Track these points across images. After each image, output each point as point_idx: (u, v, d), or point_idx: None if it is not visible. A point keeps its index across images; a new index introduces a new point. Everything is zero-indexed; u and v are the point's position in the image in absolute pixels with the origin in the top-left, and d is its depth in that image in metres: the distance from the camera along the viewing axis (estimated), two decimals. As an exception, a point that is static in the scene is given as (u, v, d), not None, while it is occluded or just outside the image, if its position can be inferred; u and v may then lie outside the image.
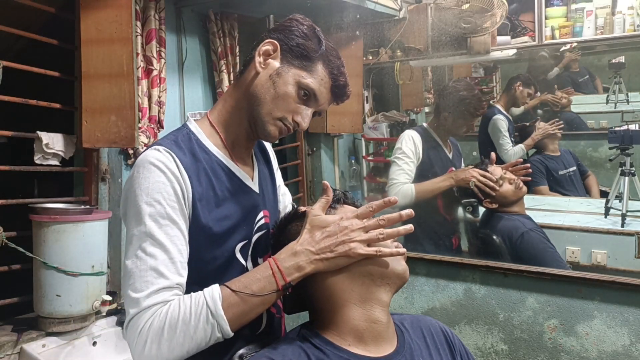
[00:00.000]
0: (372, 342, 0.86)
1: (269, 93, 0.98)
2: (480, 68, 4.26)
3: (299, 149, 3.30)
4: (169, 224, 0.89)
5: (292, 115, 0.99)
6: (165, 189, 0.90)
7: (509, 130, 3.18)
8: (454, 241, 2.31)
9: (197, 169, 0.96)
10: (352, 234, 0.87)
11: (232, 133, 1.03)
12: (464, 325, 1.63)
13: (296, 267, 0.87)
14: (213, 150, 1.01)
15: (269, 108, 0.98)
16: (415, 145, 2.22)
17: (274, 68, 0.99)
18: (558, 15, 2.79)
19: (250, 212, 1.04)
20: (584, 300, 1.45)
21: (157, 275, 0.86)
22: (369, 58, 3.23)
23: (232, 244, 0.99)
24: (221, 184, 0.99)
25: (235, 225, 1.00)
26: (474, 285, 1.62)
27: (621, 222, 2.41)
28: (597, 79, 4.36)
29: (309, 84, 0.99)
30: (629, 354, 1.39)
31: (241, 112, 1.02)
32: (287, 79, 0.98)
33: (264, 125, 0.99)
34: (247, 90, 1.01)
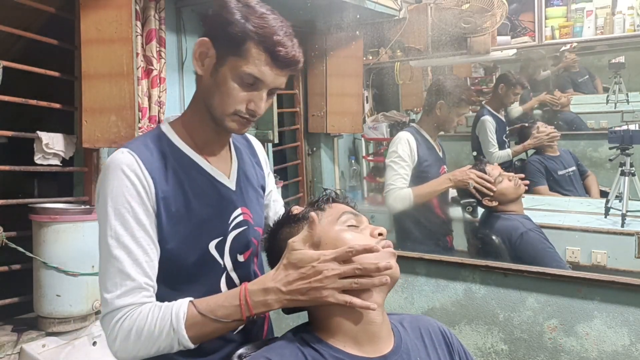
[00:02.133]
0: (368, 343, 0.86)
1: (215, 93, 0.97)
2: (480, 68, 4.26)
3: (299, 149, 3.30)
4: (135, 225, 0.92)
5: (245, 105, 0.97)
6: (129, 192, 0.92)
7: (499, 132, 3.18)
8: (448, 239, 2.33)
9: (165, 168, 0.97)
10: (326, 280, 0.84)
11: (202, 133, 1.04)
12: (464, 325, 1.63)
13: (264, 303, 0.87)
14: (184, 150, 1.01)
15: (220, 107, 0.97)
16: (410, 149, 2.22)
17: (211, 66, 0.97)
18: (558, 15, 2.79)
19: (224, 209, 1.04)
20: (584, 300, 1.45)
21: (124, 277, 0.90)
22: (369, 58, 3.23)
23: (205, 241, 1.00)
24: (191, 181, 0.99)
25: (207, 222, 1.00)
26: (474, 285, 1.62)
27: (621, 222, 2.41)
28: (597, 79, 4.36)
29: (246, 71, 0.94)
30: (629, 354, 1.39)
31: (203, 115, 1.02)
32: (225, 73, 0.96)
33: (223, 124, 0.99)
34: (199, 94, 1.02)
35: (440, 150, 2.39)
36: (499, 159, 3.06)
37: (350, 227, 0.91)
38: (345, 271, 0.84)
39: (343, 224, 0.91)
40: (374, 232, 0.91)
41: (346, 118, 3.17)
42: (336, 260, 0.85)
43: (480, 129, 3.13)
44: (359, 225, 0.93)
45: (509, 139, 3.28)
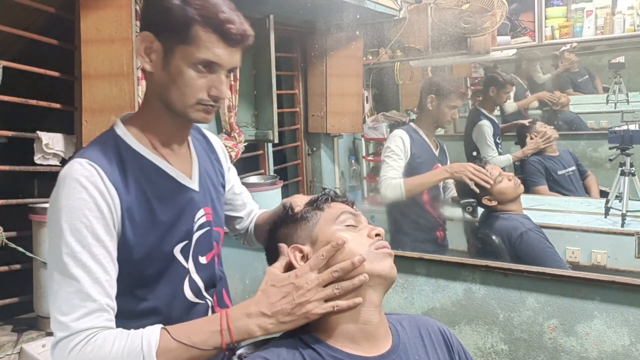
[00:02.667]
0: (365, 342, 0.86)
1: (172, 87, 0.91)
2: (480, 68, 4.26)
3: (299, 149, 3.30)
4: (93, 242, 0.85)
5: (207, 92, 0.92)
6: (87, 206, 0.85)
7: (494, 135, 3.18)
8: (438, 234, 2.35)
9: (125, 176, 0.90)
10: (308, 294, 0.81)
11: (159, 132, 0.97)
12: (464, 325, 1.63)
13: (246, 329, 0.82)
14: (143, 153, 0.95)
15: (181, 100, 0.92)
16: (403, 144, 2.28)
17: (160, 59, 0.91)
18: (558, 15, 2.79)
19: (188, 211, 0.99)
20: (584, 300, 1.45)
21: (84, 297, 0.82)
22: (369, 58, 3.24)
23: (169, 246, 0.96)
24: (153, 186, 0.93)
25: (172, 227, 0.95)
26: (474, 285, 1.62)
27: (621, 222, 2.41)
28: (597, 79, 4.37)
29: (200, 57, 0.89)
30: (629, 354, 1.39)
31: (159, 112, 0.96)
32: (177, 64, 0.90)
33: (188, 116, 0.94)
34: (153, 92, 0.96)
35: (438, 148, 2.41)
36: (500, 163, 3.03)
37: (348, 227, 0.91)
38: (324, 279, 0.83)
39: (341, 224, 0.91)
40: (371, 232, 0.91)
41: (346, 118, 3.18)
42: (312, 270, 0.84)
43: (479, 134, 3.12)
44: (358, 225, 0.92)
45: (501, 140, 3.27)
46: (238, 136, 2.42)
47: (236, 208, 1.25)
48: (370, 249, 0.87)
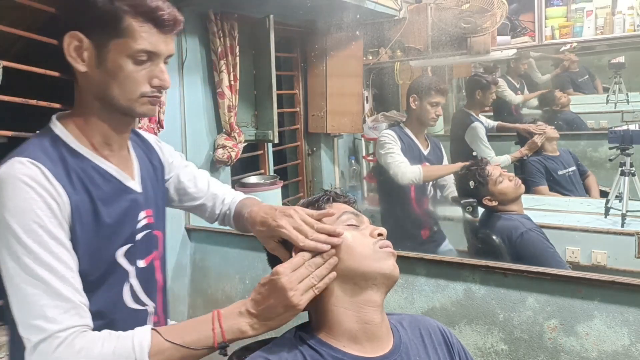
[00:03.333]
0: (367, 342, 0.86)
1: (112, 84, 0.88)
2: (480, 68, 4.27)
3: (299, 149, 3.30)
4: (50, 240, 0.81)
5: (149, 84, 0.90)
6: (37, 205, 0.81)
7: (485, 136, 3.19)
8: (422, 233, 2.43)
9: (70, 176, 0.87)
10: (290, 292, 0.81)
11: (99, 134, 0.94)
12: (464, 325, 1.63)
13: (238, 327, 0.82)
14: (84, 153, 0.91)
15: (123, 96, 0.89)
16: (394, 138, 2.42)
17: (93, 57, 0.87)
18: (558, 15, 2.79)
19: (131, 213, 0.97)
20: (584, 300, 1.45)
21: (54, 297, 0.80)
22: (369, 58, 3.23)
23: (112, 251, 0.93)
24: (97, 188, 0.90)
25: (116, 230, 0.93)
26: (474, 285, 1.62)
27: (621, 222, 2.41)
28: (597, 79, 4.37)
29: (137, 48, 0.86)
30: (629, 354, 1.39)
31: (99, 112, 0.92)
32: (114, 59, 0.87)
33: (133, 111, 0.92)
34: (90, 91, 0.92)
35: (428, 147, 2.50)
36: (500, 164, 3.03)
37: (350, 227, 0.91)
38: (301, 273, 0.83)
39: (342, 224, 0.91)
40: (374, 232, 0.91)
41: (346, 118, 3.17)
42: (293, 267, 0.84)
43: (473, 137, 3.11)
44: (360, 225, 0.93)
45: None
46: (238, 136, 2.42)
47: (193, 196, 1.21)
48: (374, 247, 0.88)
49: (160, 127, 2.09)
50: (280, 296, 0.81)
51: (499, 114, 4.07)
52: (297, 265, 0.84)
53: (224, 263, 2.22)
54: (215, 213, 1.24)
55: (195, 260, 2.33)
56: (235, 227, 1.23)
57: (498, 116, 4.03)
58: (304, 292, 0.82)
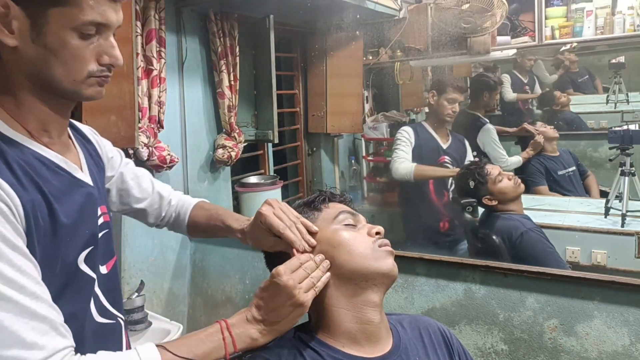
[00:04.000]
0: (366, 343, 0.86)
1: (52, 61, 0.73)
2: (480, 68, 4.27)
3: (299, 149, 3.30)
4: (10, 251, 0.66)
5: (97, 61, 0.76)
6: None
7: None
8: (441, 225, 2.52)
9: (14, 171, 0.71)
10: (295, 290, 0.79)
11: (35, 118, 0.78)
12: (464, 325, 1.63)
13: (248, 335, 0.79)
14: (21, 141, 0.75)
15: (68, 76, 0.75)
16: (408, 135, 2.57)
17: (26, 29, 0.71)
18: (558, 15, 2.79)
19: (89, 210, 0.82)
20: (584, 300, 1.45)
21: (31, 318, 0.65)
22: (369, 58, 3.24)
23: (72, 256, 0.78)
24: (46, 182, 0.75)
25: (75, 231, 0.78)
26: (474, 285, 1.62)
27: (621, 222, 2.41)
28: (597, 79, 4.37)
29: (85, 19, 0.72)
30: (629, 354, 1.39)
31: (32, 94, 0.76)
32: (56, 33, 0.72)
33: (79, 95, 0.78)
34: (21, 71, 0.75)
35: (448, 142, 2.61)
36: (512, 164, 3.02)
37: (347, 226, 0.91)
38: (300, 273, 0.82)
39: (339, 223, 0.91)
40: (371, 230, 0.90)
41: (346, 118, 3.17)
42: (291, 270, 0.83)
43: (487, 139, 3.04)
44: (357, 224, 0.92)
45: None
46: (238, 136, 2.42)
47: (137, 198, 1.08)
48: (373, 246, 0.87)
49: (160, 127, 2.09)
50: (285, 296, 0.80)
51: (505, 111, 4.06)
52: (295, 266, 0.83)
53: (224, 263, 2.22)
54: (161, 216, 1.13)
55: (195, 260, 2.33)
56: (188, 231, 1.15)
57: (504, 113, 4.02)
58: (307, 290, 0.82)
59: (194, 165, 2.38)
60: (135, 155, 2.01)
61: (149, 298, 2.11)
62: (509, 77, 4.07)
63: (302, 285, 0.81)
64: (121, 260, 2.03)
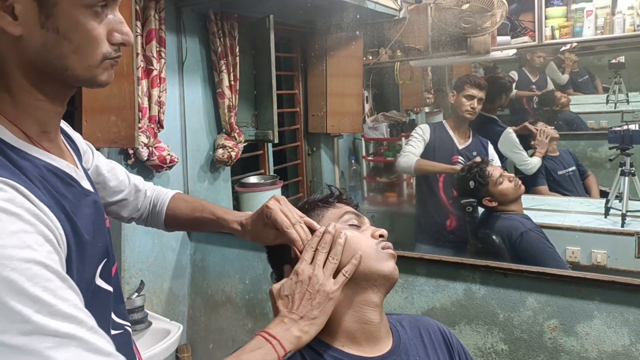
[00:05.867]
0: (366, 343, 0.86)
1: (63, 49, 0.65)
2: (480, 68, 4.26)
3: (299, 149, 3.30)
4: (62, 285, 0.58)
5: (109, 41, 0.68)
6: (33, 239, 0.57)
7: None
8: (448, 223, 2.53)
9: (39, 189, 0.63)
10: (321, 280, 0.79)
11: (34, 119, 0.69)
12: (464, 325, 1.63)
13: (292, 335, 0.77)
14: (33, 153, 0.67)
15: (81, 64, 0.67)
16: (423, 132, 2.63)
17: (34, 13, 0.62)
18: (558, 15, 2.78)
19: (99, 222, 0.76)
20: (584, 300, 1.45)
21: (96, 355, 0.57)
22: (369, 58, 3.24)
23: (92, 274, 0.71)
24: (64, 198, 0.67)
25: (93, 248, 0.71)
26: (474, 285, 1.62)
27: (621, 222, 2.41)
28: (597, 79, 4.37)
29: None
30: (629, 354, 1.39)
31: (30, 89, 0.67)
32: (67, 12, 0.63)
33: (95, 80, 0.69)
34: (20, 64, 0.66)
35: (466, 143, 2.61)
36: (535, 166, 2.97)
37: (352, 227, 0.91)
38: (319, 259, 0.82)
39: (344, 223, 0.91)
40: (375, 233, 0.91)
41: (346, 118, 3.18)
42: (307, 260, 0.83)
43: (510, 143, 2.93)
44: (361, 226, 0.93)
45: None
46: (238, 136, 2.42)
47: (113, 191, 1.02)
48: (377, 247, 0.88)
49: (160, 127, 2.09)
50: (312, 289, 0.80)
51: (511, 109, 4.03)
52: (310, 256, 0.84)
53: (224, 263, 2.22)
54: (137, 208, 1.07)
55: (195, 260, 2.33)
56: (166, 224, 1.09)
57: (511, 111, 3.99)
58: (330, 275, 0.81)
59: (194, 165, 2.38)
60: (135, 155, 2.01)
61: (149, 298, 2.11)
62: (516, 74, 4.03)
63: (325, 273, 0.82)
64: (121, 260, 2.03)
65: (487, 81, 2.71)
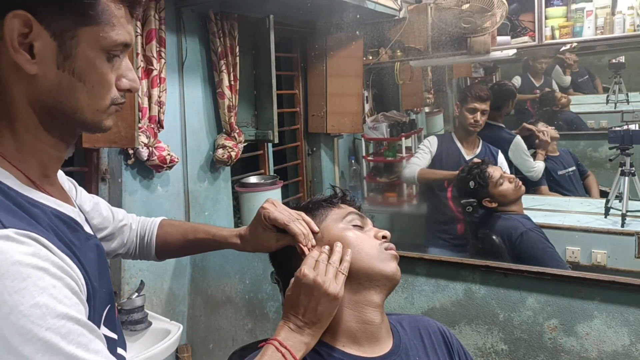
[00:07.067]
0: (366, 343, 0.86)
1: (79, 89, 0.63)
2: (480, 68, 4.27)
3: (299, 149, 3.30)
4: (90, 335, 0.57)
5: (118, 88, 0.67)
6: (62, 293, 0.55)
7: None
8: (459, 227, 2.54)
9: (54, 239, 0.60)
10: (325, 284, 0.80)
11: (37, 162, 0.66)
12: (464, 325, 1.63)
13: (301, 342, 0.79)
14: (39, 199, 0.64)
15: (90, 107, 0.65)
16: (430, 144, 2.68)
17: (53, 52, 0.60)
18: (558, 15, 2.78)
19: (102, 266, 0.72)
20: (584, 300, 1.45)
21: None
22: (369, 58, 3.23)
23: (97, 320, 0.67)
24: (73, 245, 0.64)
25: (100, 294, 0.67)
26: (474, 285, 1.62)
27: (621, 222, 2.41)
28: (597, 79, 4.37)
29: (117, 40, 0.64)
30: (629, 354, 1.39)
31: (40, 132, 0.65)
32: (84, 54, 0.62)
33: (100, 125, 0.68)
34: (31, 103, 0.63)
35: (473, 154, 2.59)
36: (540, 170, 2.95)
37: (355, 227, 0.92)
38: (321, 267, 0.83)
39: (348, 223, 0.92)
40: (378, 234, 0.92)
41: (346, 118, 3.17)
42: (309, 267, 0.84)
43: (518, 151, 2.89)
44: (364, 226, 0.94)
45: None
46: (238, 136, 2.42)
47: (97, 228, 0.95)
48: (380, 248, 0.89)
49: (160, 127, 2.09)
50: (318, 293, 0.80)
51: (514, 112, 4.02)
52: (312, 264, 0.84)
53: (224, 263, 2.22)
54: (123, 243, 1.03)
55: (195, 260, 2.33)
56: (157, 254, 1.05)
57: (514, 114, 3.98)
58: (334, 278, 0.82)
59: (194, 165, 2.38)
60: (135, 155, 2.01)
61: (149, 298, 2.11)
62: (519, 79, 4.04)
63: (328, 277, 0.82)
64: (121, 260, 2.03)
65: (491, 89, 2.70)
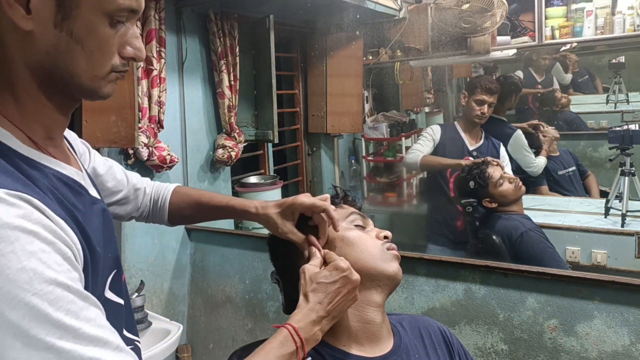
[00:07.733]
0: (367, 342, 0.87)
1: (77, 52, 0.61)
2: (480, 68, 4.26)
3: (299, 149, 3.30)
4: (82, 303, 0.54)
5: (120, 54, 0.65)
6: (52, 258, 0.53)
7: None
8: (459, 224, 2.51)
9: (53, 201, 0.59)
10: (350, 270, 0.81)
11: (40, 124, 0.65)
12: (464, 325, 1.63)
13: (315, 338, 0.78)
14: (40, 160, 0.63)
15: (88, 72, 0.63)
16: (433, 132, 2.64)
17: (50, 11, 0.58)
18: (558, 15, 2.78)
19: (108, 232, 0.71)
20: (584, 300, 1.45)
21: None
22: (369, 58, 3.23)
23: (101, 287, 0.67)
24: (75, 208, 0.63)
25: (104, 260, 0.67)
26: (474, 285, 1.61)
27: (621, 222, 2.41)
28: (597, 79, 4.37)
29: (123, 4, 0.61)
30: (629, 354, 1.39)
31: (36, 91, 0.63)
32: (86, 17, 0.60)
33: (98, 92, 0.65)
34: (28, 63, 0.61)
35: (477, 145, 2.59)
36: (542, 166, 2.94)
37: (357, 227, 0.92)
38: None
39: (350, 223, 0.92)
40: (380, 234, 0.92)
41: (346, 118, 3.18)
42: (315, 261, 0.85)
43: (519, 146, 2.89)
44: (366, 227, 0.94)
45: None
46: (238, 136, 2.42)
47: (111, 191, 0.98)
48: (382, 248, 0.89)
49: (160, 127, 2.09)
50: (344, 280, 0.80)
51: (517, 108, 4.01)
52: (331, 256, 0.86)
53: (224, 263, 2.22)
54: (138, 207, 1.04)
55: (195, 260, 2.33)
56: (169, 219, 1.07)
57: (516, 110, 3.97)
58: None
59: (194, 165, 2.38)
60: (135, 155, 2.01)
61: (149, 298, 2.11)
62: (521, 74, 4.02)
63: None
64: (121, 261, 2.03)
65: (499, 82, 2.68)
